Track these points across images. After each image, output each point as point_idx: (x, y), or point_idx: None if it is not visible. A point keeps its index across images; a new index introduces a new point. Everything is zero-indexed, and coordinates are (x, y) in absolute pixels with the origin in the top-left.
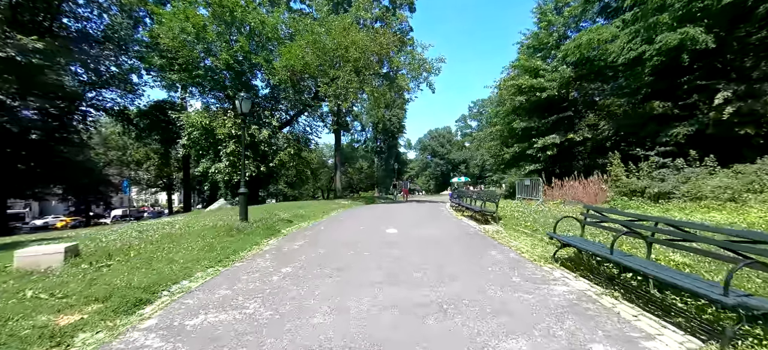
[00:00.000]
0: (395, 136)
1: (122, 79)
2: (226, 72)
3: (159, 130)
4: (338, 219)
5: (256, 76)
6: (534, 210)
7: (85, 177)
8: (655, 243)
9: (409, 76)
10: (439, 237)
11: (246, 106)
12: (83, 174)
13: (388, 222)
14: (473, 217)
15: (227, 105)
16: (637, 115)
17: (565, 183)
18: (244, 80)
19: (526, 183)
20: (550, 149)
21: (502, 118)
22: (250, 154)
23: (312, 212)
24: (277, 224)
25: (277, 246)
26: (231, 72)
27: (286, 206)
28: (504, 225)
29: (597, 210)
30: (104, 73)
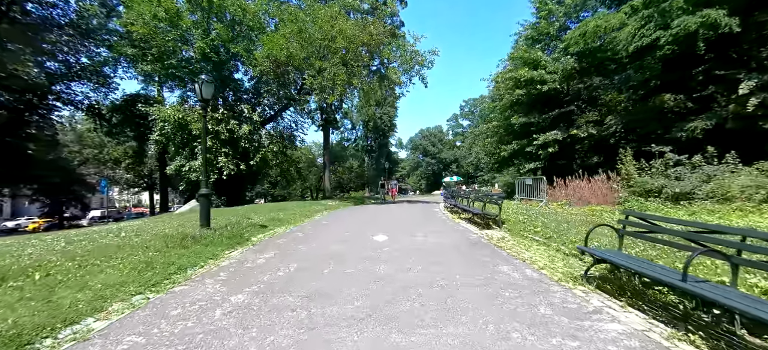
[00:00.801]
0: (386, 135)
1: (94, 72)
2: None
3: (132, 126)
4: (321, 223)
5: (238, 69)
6: (539, 213)
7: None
8: (741, 265)
9: (401, 70)
10: (435, 246)
11: (207, 91)
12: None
13: (377, 227)
14: (472, 221)
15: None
16: (646, 109)
17: (569, 182)
18: (224, 73)
19: (528, 183)
20: (551, 146)
21: (499, 114)
22: (229, 151)
23: (293, 215)
24: (246, 231)
25: (239, 261)
26: (209, 63)
27: (267, 208)
28: (508, 230)
29: (641, 216)
30: (74, 65)
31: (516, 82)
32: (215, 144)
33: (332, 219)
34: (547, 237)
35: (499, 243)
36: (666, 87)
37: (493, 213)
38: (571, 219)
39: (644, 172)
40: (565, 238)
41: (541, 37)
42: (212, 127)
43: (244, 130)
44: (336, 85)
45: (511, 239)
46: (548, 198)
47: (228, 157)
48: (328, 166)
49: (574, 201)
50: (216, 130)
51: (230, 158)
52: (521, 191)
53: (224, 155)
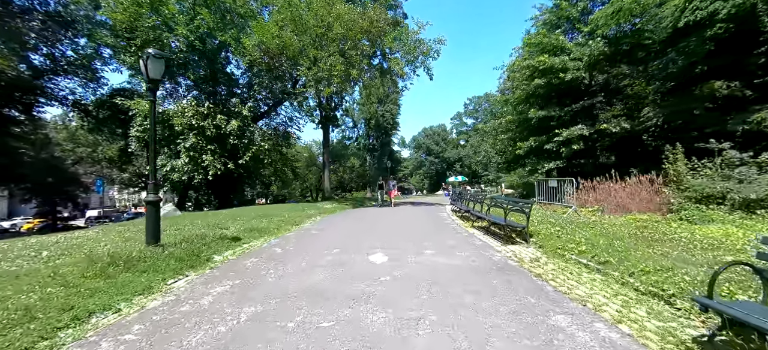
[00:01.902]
0: (389, 133)
1: (82, 66)
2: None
3: (116, 122)
4: (310, 232)
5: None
6: (570, 221)
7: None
8: None
9: (404, 60)
10: (451, 271)
11: (155, 69)
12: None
13: (375, 239)
14: (489, 230)
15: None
16: (692, 99)
17: (599, 184)
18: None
19: (551, 185)
20: (575, 143)
21: (513, 108)
22: (216, 149)
23: (280, 222)
24: (211, 246)
25: (174, 300)
26: (194, 53)
27: (252, 212)
28: (540, 246)
29: None
30: (60, 59)
31: (533, 71)
32: (200, 141)
33: (323, 228)
34: (601, 261)
35: (535, 267)
36: (715, 73)
37: (520, 224)
38: (616, 231)
39: (697, 173)
40: (629, 264)
41: (561, 22)
42: (197, 122)
43: (233, 125)
44: (332, 77)
45: (549, 261)
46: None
47: (215, 155)
48: (328, 165)
49: (609, 207)
50: (201, 126)
51: (217, 156)
52: (541, 194)
53: (210, 153)
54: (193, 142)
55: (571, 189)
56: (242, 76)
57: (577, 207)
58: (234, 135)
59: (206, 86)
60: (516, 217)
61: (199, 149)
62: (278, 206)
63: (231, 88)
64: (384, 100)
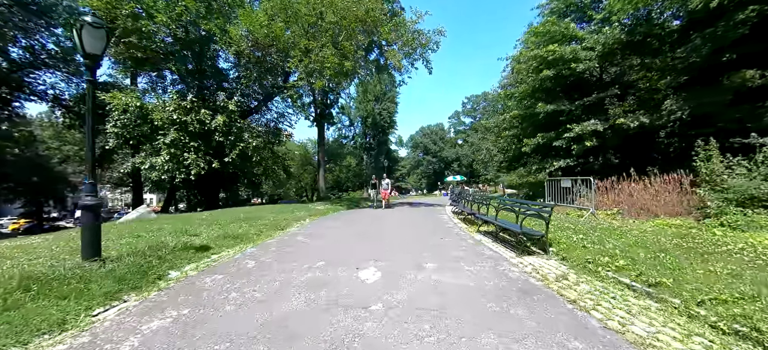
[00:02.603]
0: (386, 132)
1: (63, 59)
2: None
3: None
4: (294, 240)
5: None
6: (593, 227)
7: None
8: None
9: (402, 53)
10: (461, 298)
11: (92, 42)
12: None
13: (368, 249)
14: (497, 237)
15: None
16: (721, 90)
17: (617, 185)
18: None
19: (565, 185)
20: (588, 139)
21: (517, 103)
22: (200, 146)
23: (262, 227)
24: (168, 259)
25: (86, 345)
26: (179, 43)
27: (232, 215)
28: (563, 258)
29: None
30: (40, 52)
31: (541, 63)
32: (182, 137)
33: (311, 233)
34: (650, 282)
35: (566, 289)
36: (745, 61)
37: (538, 233)
38: (653, 241)
39: (733, 172)
40: (691, 288)
41: (570, 9)
42: (179, 116)
43: (219, 121)
44: (325, 68)
45: (580, 280)
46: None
47: (198, 152)
48: (323, 164)
49: (629, 210)
50: (183, 121)
51: (201, 154)
52: (552, 194)
53: (194, 151)
54: (174, 138)
55: (586, 190)
56: (232, 70)
57: (594, 211)
58: (220, 131)
59: (192, 80)
60: (536, 225)
61: (180, 146)
62: (267, 207)
63: (220, 82)
64: (381, 98)
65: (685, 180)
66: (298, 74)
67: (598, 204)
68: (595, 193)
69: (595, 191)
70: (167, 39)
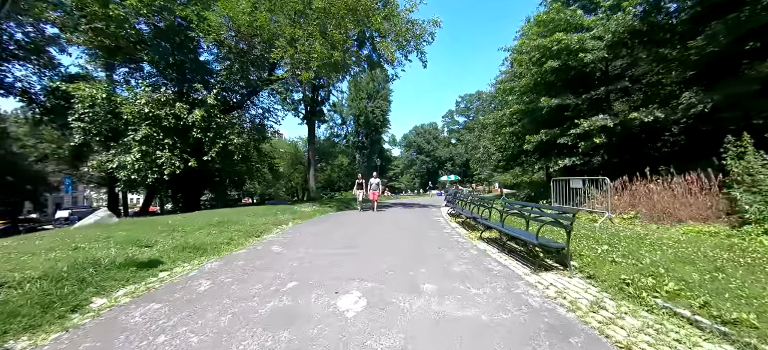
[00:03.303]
0: (379, 130)
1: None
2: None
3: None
4: (267, 251)
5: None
6: (616, 235)
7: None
8: None
9: (395, 44)
10: (471, 340)
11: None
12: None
13: (354, 262)
14: (504, 246)
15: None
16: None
17: (629, 185)
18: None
19: (575, 186)
20: (596, 135)
21: (519, 96)
22: (176, 143)
23: (234, 233)
24: (91, 283)
25: None
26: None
27: (208, 218)
28: (590, 276)
29: None
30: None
31: (545, 53)
32: (156, 133)
33: (290, 241)
34: (725, 318)
35: (608, 326)
36: None
37: (557, 245)
38: (692, 252)
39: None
40: None
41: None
42: (151, 110)
43: (196, 115)
44: (311, 59)
45: (622, 310)
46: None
47: (174, 150)
48: (314, 163)
49: (648, 214)
50: (156, 115)
51: (177, 152)
52: (559, 196)
53: (168, 148)
54: (146, 134)
55: (595, 191)
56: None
57: (611, 215)
58: (198, 127)
59: (170, 72)
60: (556, 237)
61: (153, 143)
62: (249, 209)
63: (203, 76)
64: (374, 96)
65: (711, 180)
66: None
67: (615, 206)
68: (610, 195)
69: (610, 193)
70: (143, 27)
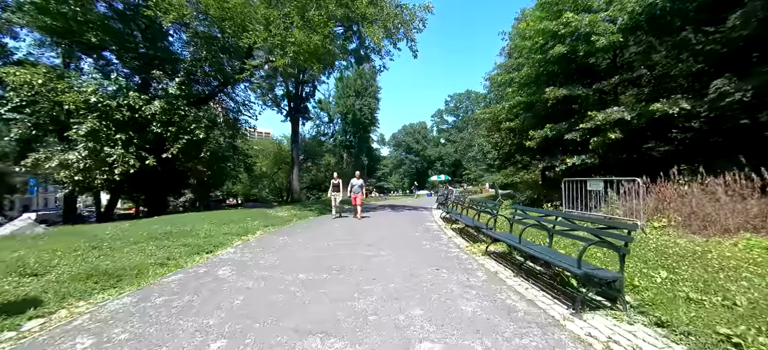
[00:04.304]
0: (367, 129)
1: None
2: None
3: None
4: (207, 278)
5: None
6: (663, 252)
7: None
8: None
9: (383, 31)
10: None
11: None
12: None
13: (319, 295)
14: (521, 268)
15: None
16: None
17: (656, 187)
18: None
19: (593, 188)
20: (611, 130)
21: (519, 87)
22: (133, 139)
23: (179, 248)
24: None
25: None
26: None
27: (152, 228)
28: (663, 322)
29: None
30: None
31: (549, 39)
32: (106, 127)
33: (242, 263)
34: None
35: None
36: None
37: (604, 273)
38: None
39: None
40: None
41: None
42: (99, 100)
43: (156, 107)
44: (288, 44)
45: None
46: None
47: (128, 146)
48: (298, 162)
49: (686, 222)
50: (106, 106)
51: (132, 149)
52: (571, 200)
53: (122, 144)
54: (93, 127)
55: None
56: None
57: (645, 224)
58: (158, 120)
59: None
60: (609, 267)
61: (103, 139)
62: (216, 215)
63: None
64: (362, 93)
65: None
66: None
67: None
68: (643, 200)
69: (643, 197)
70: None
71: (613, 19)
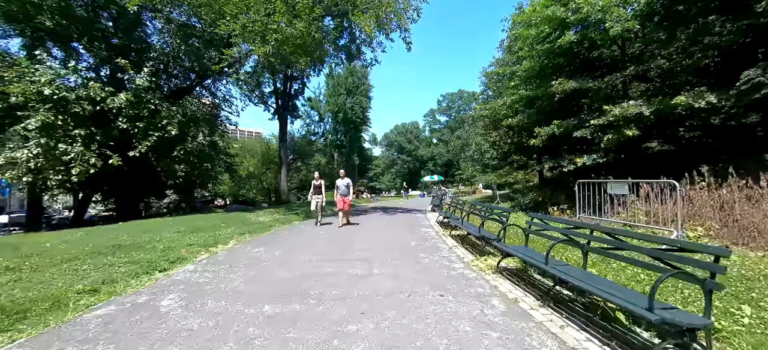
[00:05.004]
0: (358, 128)
1: None
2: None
3: None
4: (137, 315)
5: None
6: (740, 277)
7: None
8: None
9: (373, 20)
10: None
11: None
12: None
13: (288, 346)
14: (548, 295)
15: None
16: None
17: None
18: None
19: (617, 191)
20: (627, 127)
21: (521, 81)
22: (95, 135)
23: (122, 267)
24: None
25: None
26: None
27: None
28: None
29: None
30: None
31: (557, 27)
32: (63, 121)
33: (197, 288)
34: None
35: None
36: None
37: (688, 319)
38: None
39: None
40: None
41: None
42: (54, 91)
43: (121, 100)
44: (268, 30)
45: None
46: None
47: (90, 143)
48: (286, 162)
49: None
50: (62, 98)
51: (94, 146)
52: (586, 205)
53: (81, 141)
54: (44, 121)
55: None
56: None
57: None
58: (125, 115)
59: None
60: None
61: (58, 135)
62: (186, 220)
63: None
64: (353, 91)
65: None
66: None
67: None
68: (681, 207)
69: (681, 203)
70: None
71: (628, 3)
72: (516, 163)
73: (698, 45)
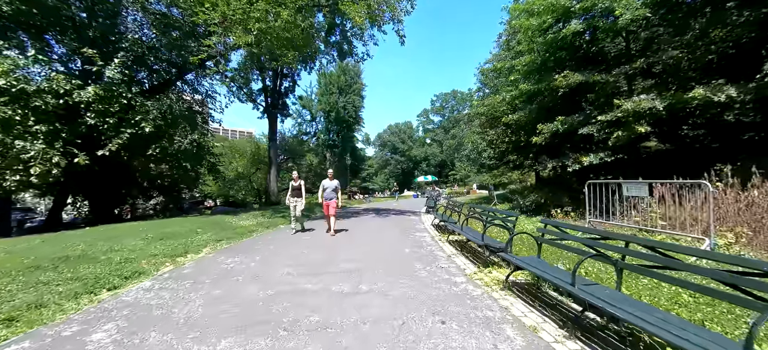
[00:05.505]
0: (351, 128)
1: None
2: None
3: None
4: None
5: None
6: None
7: None
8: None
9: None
10: None
11: None
12: None
13: None
14: (578, 322)
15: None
16: None
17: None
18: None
19: (635, 194)
20: (638, 123)
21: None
22: (61, 132)
23: (62, 285)
24: None
25: None
26: None
27: (45, 250)
28: None
29: None
30: None
31: (561, 15)
32: (21, 115)
33: (142, 315)
34: None
35: None
36: None
37: None
38: None
39: None
40: None
41: None
42: (11, 83)
43: (90, 93)
44: (250, 18)
45: None
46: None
47: (54, 140)
48: (275, 162)
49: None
50: (19, 90)
51: (59, 144)
52: (596, 207)
53: (43, 138)
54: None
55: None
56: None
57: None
58: (94, 110)
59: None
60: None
61: (14, 131)
62: (159, 224)
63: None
64: (345, 90)
65: None
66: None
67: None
68: (712, 209)
69: (712, 205)
70: None
71: None
72: (512, 163)
73: (710, 36)
